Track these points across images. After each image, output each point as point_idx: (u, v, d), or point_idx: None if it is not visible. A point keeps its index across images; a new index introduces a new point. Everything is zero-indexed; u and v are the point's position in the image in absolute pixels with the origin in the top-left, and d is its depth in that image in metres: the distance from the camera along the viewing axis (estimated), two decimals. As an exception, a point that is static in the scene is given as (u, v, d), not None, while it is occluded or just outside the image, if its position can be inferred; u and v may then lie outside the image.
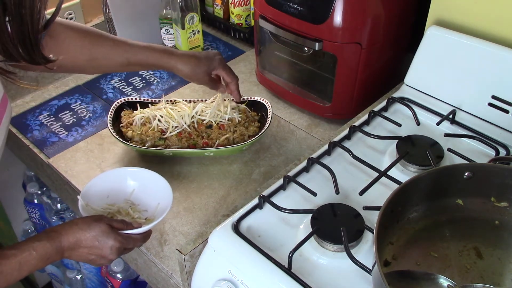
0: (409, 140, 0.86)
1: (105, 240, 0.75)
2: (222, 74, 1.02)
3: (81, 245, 0.75)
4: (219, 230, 0.75)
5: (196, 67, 0.98)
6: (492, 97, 0.89)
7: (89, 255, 0.76)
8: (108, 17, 1.29)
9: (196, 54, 1.00)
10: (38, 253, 0.71)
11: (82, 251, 0.75)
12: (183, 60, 0.97)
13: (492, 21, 0.89)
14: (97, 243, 0.75)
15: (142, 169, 0.92)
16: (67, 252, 0.75)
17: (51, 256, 0.73)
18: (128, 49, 0.95)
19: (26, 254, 0.70)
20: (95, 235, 0.75)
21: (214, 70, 1.00)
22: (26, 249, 0.71)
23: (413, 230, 0.70)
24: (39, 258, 0.71)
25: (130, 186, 0.90)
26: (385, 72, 1.11)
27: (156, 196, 0.87)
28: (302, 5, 0.99)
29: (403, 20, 1.07)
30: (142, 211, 0.88)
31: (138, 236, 0.81)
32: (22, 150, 1.18)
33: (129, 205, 0.88)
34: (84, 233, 0.75)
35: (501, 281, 0.66)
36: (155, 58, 0.96)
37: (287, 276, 0.68)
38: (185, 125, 1.04)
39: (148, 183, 0.89)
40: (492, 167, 0.72)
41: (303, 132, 1.12)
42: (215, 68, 1.00)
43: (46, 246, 0.72)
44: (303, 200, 0.80)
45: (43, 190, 1.43)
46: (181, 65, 0.97)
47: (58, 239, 0.73)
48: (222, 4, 1.41)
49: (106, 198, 0.88)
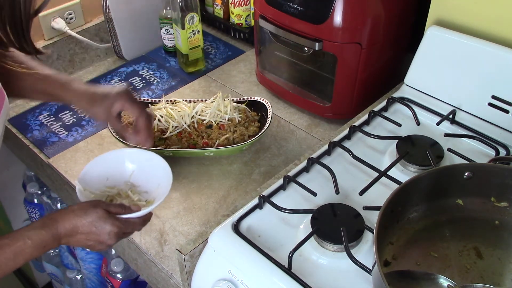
0: (409, 140, 0.86)
1: (102, 226, 0.75)
2: (125, 110, 0.90)
3: (78, 232, 0.74)
4: (219, 230, 0.75)
5: (91, 103, 0.89)
6: (492, 97, 0.89)
7: (87, 241, 0.76)
8: (108, 17, 1.29)
9: (94, 89, 0.90)
10: (33, 241, 0.71)
11: (80, 237, 0.75)
12: (77, 95, 0.89)
13: (492, 21, 0.89)
14: (94, 229, 0.74)
15: (140, 150, 0.91)
16: (64, 239, 0.74)
17: (48, 243, 0.72)
18: (36, 76, 0.89)
19: (21, 243, 0.70)
20: (92, 221, 0.74)
21: (113, 106, 0.89)
22: (21, 238, 0.70)
23: (413, 230, 0.70)
24: (34, 247, 0.71)
25: (129, 168, 0.89)
26: (385, 72, 1.11)
27: (156, 177, 0.86)
28: (302, 5, 0.99)
29: (403, 20, 1.07)
30: (143, 193, 0.87)
31: (137, 220, 0.79)
32: (22, 150, 1.18)
33: (129, 187, 0.87)
34: (81, 219, 0.74)
35: (501, 281, 0.66)
36: (52, 90, 0.90)
37: (287, 276, 0.68)
38: (185, 125, 1.04)
39: (147, 164, 0.88)
40: (492, 167, 0.72)
41: (303, 132, 1.12)
42: (113, 104, 0.89)
43: (41, 234, 0.71)
44: (303, 200, 0.80)
45: (43, 190, 1.43)
46: (76, 100, 0.90)
47: (54, 226, 0.73)
48: (222, 4, 1.41)
49: (105, 181, 0.87)
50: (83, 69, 1.38)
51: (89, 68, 1.38)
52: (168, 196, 0.97)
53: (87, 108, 0.90)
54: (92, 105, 0.89)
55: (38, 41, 1.32)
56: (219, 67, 1.33)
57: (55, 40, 1.32)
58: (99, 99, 0.89)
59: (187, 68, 1.31)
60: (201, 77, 1.30)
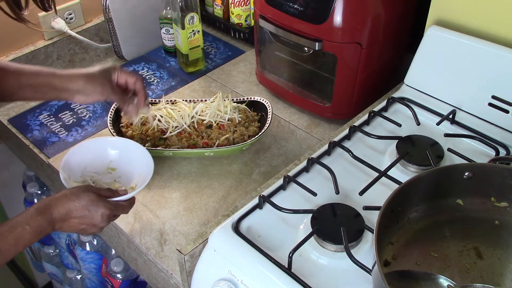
0: (409, 140, 0.86)
1: (95, 208, 0.77)
2: (123, 78, 0.93)
3: (71, 216, 0.76)
4: (219, 230, 0.75)
5: (90, 81, 0.89)
6: (492, 97, 0.89)
7: (80, 225, 0.77)
8: (108, 17, 1.29)
9: (86, 70, 0.91)
10: (32, 227, 0.72)
11: (73, 222, 0.76)
12: (72, 78, 0.89)
13: (492, 21, 0.89)
14: (88, 212, 0.76)
15: (121, 138, 0.95)
16: (58, 223, 0.75)
17: (44, 229, 0.73)
18: (17, 73, 0.88)
19: (20, 229, 0.71)
20: (85, 205, 0.76)
21: (112, 76, 0.92)
22: (19, 225, 0.71)
23: (413, 230, 0.70)
24: (33, 232, 0.72)
25: (110, 155, 0.92)
26: (385, 72, 1.11)
27: (136, 164, 0.89)
28: (302, 5, 0.99)
29: (403, 20, 1.07)
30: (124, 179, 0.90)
31: (125, 203, 0.82)
32: (22, 150, 1.18)
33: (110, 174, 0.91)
34: (74, 203, 0.76)
35: (501, 281, 0.66)
36: (44, 80, 0.88)
37: (287, 276, 0.68)
38: (185, 125, 1.04)
39: (127, 151, 0.91)
40: (492, 167, 0.72)
41: (303, 132, 1.12)
42: (112, 74, 0.91)
43: (38, 219, 0.73)
44: (303, 200, 0.80)
45: (43, 190, 1.43)
46: (71, 84, 0.88)
47: (49, 211, 0.74)
48: (222, 4, 1.41)
49: (86, 168, 0.89)
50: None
51: (89, 68, 1.38)
52: (168, 196, 0.98)
53: (84, 89, 0.88)
54: (92, 83, 0.89)
55: (38, 41, 1.32)
56: (219, 67, 1.33)
57: (55, 40, 1.32)
58: (97, 75, 0.90)
59: (187, 68, 1.31)
60: (201, 77, 1.30)
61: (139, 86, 0.95)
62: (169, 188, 0.99)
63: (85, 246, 1.28)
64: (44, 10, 0.79)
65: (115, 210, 0.80)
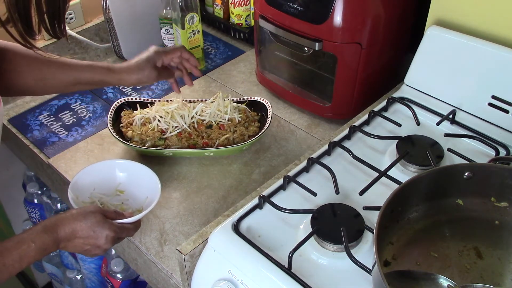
0: (409, 140, 0.86)
1: (101, 230, 0.77)
2: (168, 60, 1.04)
3: (76, 236, 0.76)
4: (219, 230, 0.75)
5: (140, 69, 1.00)
6: (492, 97, 0.89)
7: (84, 245, 0.77)
8: (108, 17, 1.29)
9: (135, 59, 1.02)
10: (37, 245, 0.72)
11: (78, 242, 0.76)
12: (126, 70, 1.00)
13: (492, 21, 0.89)
14: (93, 233, 0.76)
15: (130, 161, 0.95)
16: (63, 243, 0.76)
17: (48, 247, 0.74)
18: (75, 68, 0.97)
19: (26, 246, 0.71)
20: (91, 226, 0.76)
21: (158, 60, 1.02)
22: (25, 242, 0.72)
23: (413, 230, 0.70)
24: (37, 250, 0.72)
25: (118, 177, 0.93)
26: (385, 72, 1.11)
27: (144, 188, 0.90)
28: (302, 5, 0.99)
29: (403, 20, 1.07)
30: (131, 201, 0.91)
31: (130, 226, 0.82)
32: (22, 150, 1.18)
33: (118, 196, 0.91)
34: (80, 224, 0.76)
35: (501, 281, 0.66)
36: (101, 75, 0.98)
37: (287, 276, 0.68)
38: (185, 125, 1.04)
39: (136, 174, 0.92)
40: (492, 167, 0.72)
41: (303, 132, 1.12)
42: (156, 58, 1.02)
43: (44, 237, 0.73)
44: (303, 200, 0.80)
45: (43, 190, 1.43)
46: (126, 75, 0.99)
47: (55, 230, 0.74)
48: (222, 4, 1.41)
49: (94, 189, 0.90)
50: (83, 69, 1.38)
51: (89, 68, 1.38)
52: (168, 196, 0.98)
53: (137, 75, 1.00)
54: (143, 71, 1.00)
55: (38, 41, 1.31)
56: (219, 67, 1.33)
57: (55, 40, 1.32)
58: (144, 63, 1.00)
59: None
60: (201, 77, 1.30)
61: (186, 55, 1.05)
62: (169, 188, 0.99)
63: (85, 246, 1.28)
64: (55, 38, 0.81)
65: (120, 232, 0.80)
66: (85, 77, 0.97)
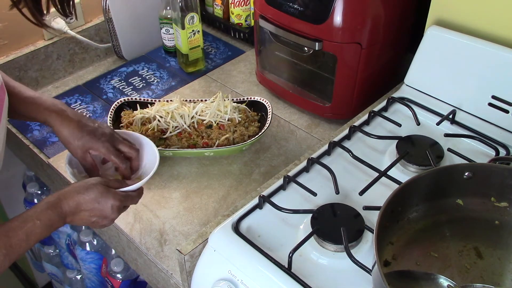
0: (409, 140, 0.86)
1: (105, 200, 0.76)
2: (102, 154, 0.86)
3: (81, 208, 0.75)
4: (219, 230, 0.75)
5: (74, 135, 0.84)
6: (492, 97, 0.89)
7: (91, 217, 0.77)
8: (108, 17, 1.29)
9: (84, 121, 0.86)
10: (42, 221, 0.72)
11: (83, 214, 0.76)
12: (64, 122, 0.84)
13: (492, 21, 0.89)
14: (97, 205, 0.76)
15: (123, 131, 0.94)
16: (69, 217, 0.75)
17: (54, 223, 0.73)
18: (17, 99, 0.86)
19: (31, 224, 0.71)
20: (94, 197, 0.76)
21: (91, 148, 0.85)
22: (30, 219, 0.71)
23: (413, 230, 0.70)
24: (43, 227, 0.72)
25: None
26: (385, 72, 1.11)
27: (141, 155, 0.89)
28: (302, 5, 0.99)
29: (403, 20, 1.07)
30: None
31: (134, 193, 0.82)
32: (22, 150, 1.18)
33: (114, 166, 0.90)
34: (83, 196, 0.75)
35: (501, 281, 0.66)
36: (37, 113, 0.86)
37: (287, 276, 0.68)
38: (185, 125, 1.04)
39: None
40: (492, 167, 0.72)
41: (303, 132, 1.12)
42: (92, 146, 0.84)
43: (48, 213, 0.73)
44: (303, 200, 0.80)
45: (43, 190, 1.43)
46: (61, 127, 0.85)
47: (59, 205, 0.74)
48: (222, 4, 1.41)
49: None
50: (83, 69, 1.38)
51: (89, 68, 1.38)
52: (168, 196, 0.98)
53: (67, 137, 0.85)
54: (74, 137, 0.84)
55: (38, 41, 1.32)
56: (219, 67, 1.33)
57: (55, 40, 1.32)
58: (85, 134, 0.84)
59: (187, 68, 1.31)
60: (201, 77, 1.30)
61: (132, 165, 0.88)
62: (169, 188, 0.99)
63: (85, 246, 1.28)
64: (65, 16, 0.80)
65: (124, 200, 0.79)
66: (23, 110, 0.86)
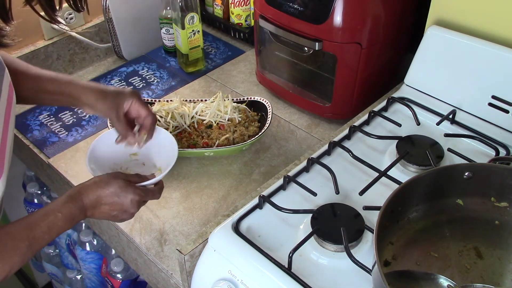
0: (409, 140, 0.86)
1: (125, 195, 0.77)
2: (135, 110, 0.89)
3: (102, 202, 0.76)
4: (219, 230, 0.75)
5: (101, 99, 0.87)
6: (492, 97, 0.89)
7: (111, 211, 0.78)
8: (108, 17, 1.29)
9: (104, 86, 0.90)
10: (64, 214, 0.73)
11: (104, 208, 0.77)
12: (87, 90, 0.88)
13: (492, 21, 0.89)
14: (117, 199, 0.77)
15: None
16: (90, 210, 0.76)
17: (76, 216, 0.74)
18: (36, 78, 0.89)
19: (53, 217, 0.72)
20: (114, 191, 0.77)
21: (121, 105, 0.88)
22: (52, 212, 0.72)
23: (413, 230, 0.70)
24: (65, 220, 0.73)
25: None
26: (385, 72, 1.11)
27: (158, 147, 0.89)
28: (302, 5, 0.99)
29: (403, 20, 1.07)
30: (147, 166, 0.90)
31: (154, 188, 0.83)
32: (22, 150, 1.18)
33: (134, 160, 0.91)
34: (104, 190, 0.76)
35: (501, 281, 0.66)
36: (60, 87, 0.88)
37: (287, 276, 0.68)
38: (185, 125, 1.04)
39: None
40: (492, 167, 0.72)
41: (303, 132, 1.12)
42: (124, 101, 0.88)
43: (69, 207, 0.73)
44: (303, 200, 0.80)
45: (43, 190, 1.43)
46: (85, 96, 0.88)
47: (79, 198, 0.75)
48: (222, 4, 1.41)
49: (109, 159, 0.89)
50: (83, 69, 1.38)
51: (89, 68, 1.38)
52: (168, 196, 0.98)
53: (95, 104, 0.88)
54: (102, 101, 0.87)
55: (38, 41, 1.32)
56: (219, 67, 1.33)
57: (55, 40, 1.32)
58: (110, 95, 0.88)
59: (187, 68, 1.31)
60: (201, 77, 1.30)
61: (148, 123, 0.89)
62: (169, 188, 0.99)
63: (85, 246, 1.28)
64: (77, 11, 0.81)
65: (144, 195, 0.80)
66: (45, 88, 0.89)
